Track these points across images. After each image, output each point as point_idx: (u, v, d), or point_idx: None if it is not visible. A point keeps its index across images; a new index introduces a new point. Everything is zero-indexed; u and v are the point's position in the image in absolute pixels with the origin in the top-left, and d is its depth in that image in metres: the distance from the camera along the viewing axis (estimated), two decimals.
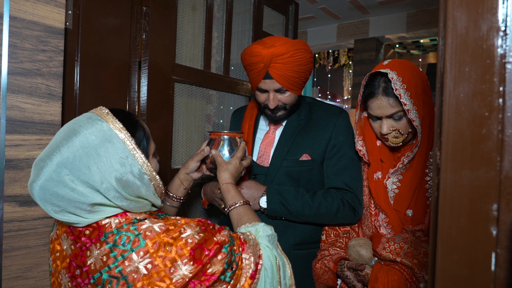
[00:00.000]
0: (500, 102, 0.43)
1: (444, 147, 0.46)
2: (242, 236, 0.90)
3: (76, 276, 0.78)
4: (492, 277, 0.43)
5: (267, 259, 0.88)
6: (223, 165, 1.17)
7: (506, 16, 0.42)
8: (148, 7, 1.46)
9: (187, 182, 1.24)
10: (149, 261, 0.74)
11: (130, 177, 0.77)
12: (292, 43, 1.23)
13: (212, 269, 0.78)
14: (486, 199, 0.43)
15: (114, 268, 0.74)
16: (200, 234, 0.80)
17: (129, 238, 0.76)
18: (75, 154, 0.73)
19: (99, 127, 0.77)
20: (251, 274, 0.83)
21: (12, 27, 0.99)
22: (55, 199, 0.73)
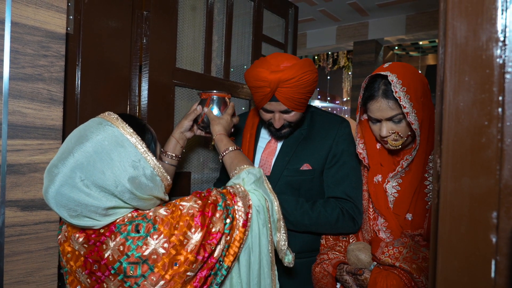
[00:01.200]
0: (499, 112, 0.43)
1: (444, 154, 0.47)
2: (232, 189, 0.96)
3: (94, 271, 0.80)
4: (492, 284, 0.43)
5: (257, 203, 0.97)
6: (215, 120, 1.27)
7: (505, 27, 0.43)
8: (148, 12, 1.47)
9: (182, 140, 1.31)
10: (164, 240, 0.79)
11: (143, 179, 0.81)
12: (298, 66, 1.22)
13: (215, 228, 0.85)
14: (486, 207, 0.44)
15: (132, 255, 0.78)
16: (198, 202, 0.87)
17: (142, 225, 0.80)
18: (89, 159, 0.75)
19: (110, 132, 0.79)
20: (242, 223, 0.91)
21: (13, 33, 0.99)
22: (71, 203, 0.75)
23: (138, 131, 0.85)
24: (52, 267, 1.09)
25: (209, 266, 0.85)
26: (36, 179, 1.05)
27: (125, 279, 0.78)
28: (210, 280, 0.87)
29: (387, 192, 1.22)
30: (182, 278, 0.80)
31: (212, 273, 0.87)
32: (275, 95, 1.23)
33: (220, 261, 0.88)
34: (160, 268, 0.78)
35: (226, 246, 0.89)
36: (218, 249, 0.86)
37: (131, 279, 0.78)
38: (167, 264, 0.79)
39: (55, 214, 1.09)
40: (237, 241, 0.90)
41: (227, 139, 1.22)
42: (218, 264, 0.87)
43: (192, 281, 0.83)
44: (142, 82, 1.48)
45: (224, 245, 0.87)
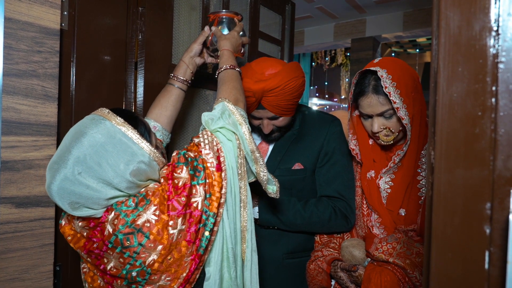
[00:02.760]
0: (493, 102, 0.43)
1: (438, 146, 0.47)
2: (196, 139, 0.96)
3: (93, 249, 0.84)
4: (486, 275, 0.43)
5: (226, 142, 0.96)
6: (223, 36, 1.25)
7: (498, 16, 0.43)
8: (144, 8, 1.46)
9: (192, 65, 1.29)
10: (155, 208, 0.83)
11: (141, 165, 0.83)
12: (282, 75, 1.21)
13: (181, 182, 0.87)
14: (479, 198, 0.44)
15: (127, 227, 0.82)
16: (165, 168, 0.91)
17: (135, 199, 0.84)
18: (85, 153, 0.78)
19: (103, 125, 0.82)
20: (216, 167, 0.92)
21: (7, 28, 0.98)
22: (73, 197, 0.79)
23: (130, 121, 0.86)
24: (48, 264, 1.09)
25: (196, 220, 0.87)
26: (30, 176, 1.04)
27: (124, 250, 0.82)
28: (201, 232, 0.88)
29: (380, 188, 1.22)
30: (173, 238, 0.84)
31: (201, 225, 0.88)
32: (261, 103, 1.24)
33: (205, 211, 0.89)
34: (155, 235, 0.82)
35: (208, 195, 0.89)
36: (199, 200, 0.88)
37: (129, 249, 0.82)
38: (161, 229, 0.82)
39: (50, 211, 1.09)
40: (216, 186, 0.90)
41: (230, 56, 1.17)
42: (205, 215, 0.89)
43: (185, 238, 0.86)
44: (138, 79, 1.47)
45: (204, 194, 0.88)
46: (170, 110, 1.25)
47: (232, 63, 1.14)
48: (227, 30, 1.27)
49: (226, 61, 1.15)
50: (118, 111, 0.88)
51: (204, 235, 0.89)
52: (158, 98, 1.27)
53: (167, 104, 1.25)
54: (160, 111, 1.24)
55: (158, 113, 1.24)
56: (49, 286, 1.09)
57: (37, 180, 1.05)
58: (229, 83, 1.08)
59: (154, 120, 1.23)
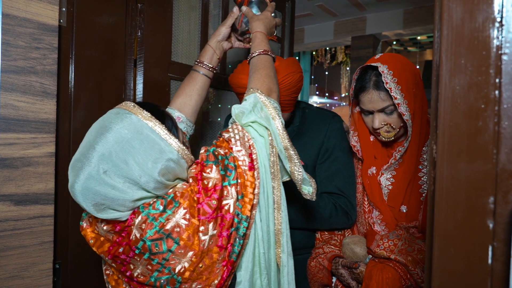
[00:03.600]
0: (496, 94, 0.42)
1: (440, 140, 0.46)
2: (226, 135, 0.88)
3: (118, 255, 0.78)
4: (489, 270, 0.43)
5: (258, 137, 0.88)
6: (254, 17, 1.14)
7: (502, 7, 0.42)
8: (143, 4, 1.45)
9: (219, 50, 1.20)
10: (185, 211, 0.77)
11: (169, 163, 0.77)
12: (279, 69, 1.20)
13: (211, 182, 0.80)
14: (482, 192, 0.43)
15: (155, 232, 0.75)
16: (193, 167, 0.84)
17: (163, 202, 0.78)
18: (110, 150, 0.73)
19: (128, 120, 0.76)
20: (249, 167, 0.84)
21: (4, 25, 0.98)
22: (98, 197, 0.73)
23: (157, 116, 0.80)
24: (47, 261, 1.08)
25: (228, 224, 0.79)
26: (29, 173, 1.03)
27: (152, 257, 0.76)
28: (233, 237, 0.81)
29: (381, 185, 1.21)
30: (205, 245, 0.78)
31: (233, 229, 0.81)
32: None
33: (237, 214, 0.81)
34: (185, 240, 0.76)
35: (240, 196, 0.82)
36: (231, 202, 0.80)
37: (158, 256, 0.76)
38: (191, 235, 0.76)
39: (49, 208, 1.08)
40: (248, 187, 0.83)
41: (263, 39, 1.07)
42: (237, 218, 0.81)
43: (216, 243, 0.79)
44: (137, 76, 1.46)
45: (236, 196, 0.81)
46: (195, 99, 1.16)
47: (265, 48, 1.04)
48: (258, 11, 1.17)
49: (259, 45, 1.05)
50: (143, 105, 0.81)
51: (237, 240, 0.82)
52: (183, 86, 1.18)
53: (191, 92, 1.15)
54: (185, 100, 1.14)
55: (182, 102, 1.14)
56: (49, 284, 1.09)
57: (36, 178, 1.05)
58: (262, 70, 0.99)
59: (178, 110, 1.14)
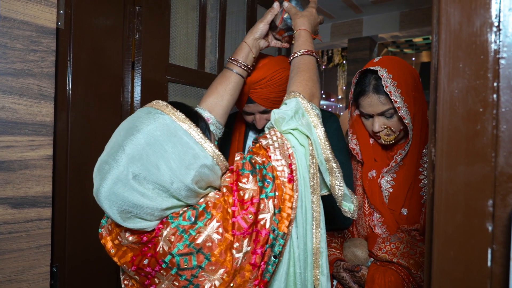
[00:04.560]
0: (494, 98, 0.43)
1: (439, 143, 0.46)
2: (264, 141, 0.81)
3: (142, 267, 0.72)
4: (489, 273, 0.43)
5: (298, 147, 0.80)
6: (298, 13, 1.05)
7: (499, 12, 0.42)
8: (141, 7, 1.45)
9: (255, 49, 1.12)
10: (218, 225, 0.70)
11: (203, 170, 0.70)
12: (269, 66, 1.21)
13: (247, 194, 0.73)
14: (481, 195, 0.43)
15: (185, 246, 0.69)
16: (229, 175, 0.77)
17: (194, 213, 0.71)
18: (141, 153, 0.67)
19: (161, 121, 0.70)
20: (288, 179, 0.77)
21: (2, 27, 0.97)
22: (126, 204, 0.67)
23: (191, 117, 0.74)
24: (44, 265, 1.08)
25: (263, 240, 0.72)
26: (26, 176, 1.03)
27: (180, 272, 0.69)
28: (267, 254, 0.74)
29: (382, 187, 1.21)
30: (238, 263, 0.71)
31: (268, 246, 0.74)
32: (250, 97, 1.23)
33: (273, 230, 0.74)
34: (217, 256, 0.69)
35: (277, 211, 0.75)
36: (267, 217, 0.73)
37: (186, 272, 0.69)
38: (224, 251, 0.69)
39: (47, 211, 1.08)
40: (287, 200, 0.76)
41: (307, 38, 0.99)
42: (273, 235, 0.74)
43: (249, 261, 0.72)
44: (135, 78, 1.46)
45: (273, 210, 0.74)
46: (227, 99, 1.08)
47: (309, 48, 0.97)
48: (300, 8, 1.09)
49: (303, 44, 0.97)
50: (176, 105, 0.75)
51: (271, 258, 0.75)
52: (214, 85, 1.10)
53: (223, 92, 1.08)
54: (216, 100, 1.07)
55: (213, 102, 1.07)
56: (46, 287, 1.08)
57: (33, 181, 1.04)
58: (305, 73, 0.92)
59: (208, 110, 1.06)
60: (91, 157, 1.33)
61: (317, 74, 0.96)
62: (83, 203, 1.31)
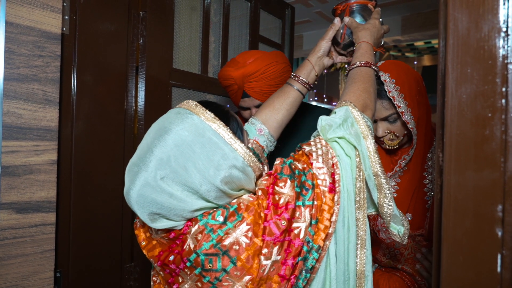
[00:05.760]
0: (503, 103, 0.43)
1: (447, 148, 0.46)
2: (307, 148, 0.78)
3: (167, 263, 0.71)
4: (498, 279, 0.43)
5: (344, 157, 0.76)
6: (359, 26, 1.03)
7: (507, 17, 0.42)
8: (145, 12, 1.46)
9: (318, 67, 1.11)
10: (248, 228, 0.67)
11: (233, 171, 0.68)
12: (262, 58, 1.23)
13: (283, 199, 0.70)
14: (490, 200, 0.43)
15: (211, 245, 0.67)
16: (266, 178, 0.75)
17: (224, 212, 0.69)
18: (169, 154, 0.66)
19: (190, 121, 0.68)
20: (329, 188, 0.73)
21: (8, 33, 0.98)
22: (154, 207, 0.66)
23: (221, 117, 0.72)
24: (48, 270, 1.07)
25: (295, 251, 0.68)
26: (31, 181, 1.03)
27: (203, 273, 0.67)
28: (299, 267, 0.70)
29: None
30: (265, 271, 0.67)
31: (300, 258, 0.69)
32: (245, 90, 1.24)
33: (308, 241, 0.70)
34: (244, 262, 0.66)
35: (314, 221, 0.71)
36: (302, 226, 0.69)
37: (210, 273, 0.67)
38: (251, 256, 0.66)
39: (51, 216, 1.08)
40: (326, 211, 0.71)
41: (368, 50, 0.96)
42: (306, 247, 0.70)
43: (278, 271, 0.68)
44: (139, 83, 1.47)
45: (309, 220, 0.70)
46: (282, 114, 1.08)
47: (368, 60, 0.94)
48: (362, 20, 1.06)
49: (362, 56, 0.95)
50: (206, 104, 0.74)
51: (303, 272, 0.70)
52: (272, 98, 1.10)
53: (280, 106, 1.08)
54: (271, 113, 1.07)
55: (268, 114, 1.07)
56: None
57: (38, 185, 1.05)
58: (360, 83, 0.90)
59: (262, 122, 1.06)
60: (95, 162, 1.33)
61: (374, 87, 0.92)
62: (87, 208, 1.31)
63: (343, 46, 1.10)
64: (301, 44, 6.84)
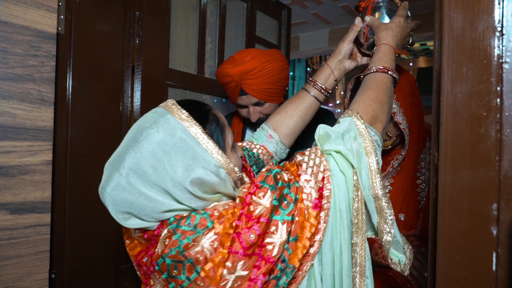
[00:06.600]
0: (497, 102, 0.43)
1: (443, 147, 0.46)
2: (300, 157, 0.73)
3: (141, 264, 0.69)
4: (494, 277, 0.43)
5: (338, 173, 0.70)
6: (382, 26, 0.92)
7: (502, 17, 0.43)
8: (141, 12, 1.46)
9: (338, 71, 1.03)
10: (215, 238, 0.63)
11: (204, 173, 0.65)
12: (260, 56, 1.23)
13: (258, 210, 0.64)
14: (486, 199, 0.43)
15: (177, 252, 0.63)
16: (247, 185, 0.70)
17: (195, 218, 0.65)
18: (142, 154, 0.64)
19: (164, 120, 0.67)
20: (314, 204, 0.66)
21: (2, 32, 0.97)
22: (125, 206, 0.65)
23: (198, 116, 0.69)
24: (43, 271, 1.06)
25: (265, 268, 0.63)
26: (26, 181, 1.02)
27: (169, 279, 0.65)
28: (271, 287, 0.65)
29: None
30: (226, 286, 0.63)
31: (272, 276, 0.65)
32: (243, 88, 1.25)
33: (283, 260, 0.65)
34: (207, 272, 0.62)
35: (292, 238, 0.65)
36: (277, 242, 0.63)
37: (175, 280, 0.64)
38: (216, 267, 0.62)
39: (46, 217, 1.07)
40: (307, 229, 0.66)
41: (387, 53, 0.87)
42: (281, 265, 0.65)
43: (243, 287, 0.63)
44: (135, 83, 1.46)
45: (286, 237, 0.64)
46: (295, 120, 1.02)
47: (386, 64, 0.84)
48: (387, 18, 0.95)
49: (380, 60, 0.86)
50: (186, 103, 0.71)
51: None
52: (285, 104, 1.05)
53: (293, 112, 1.02)
54: (282, 119, 1.02)
55: (280, 120, 1.02)
56: None
57: (33, 186, 1.04)
58: (373, 92, 0.81)
59: (273, 128, 1.02)
60: (90, 162, 1.32)
61: (390, 96, 0.83)
62: (83, 209, 1.30)
63: (367, 47, 1.01)
64: (298, 45, 6.86)
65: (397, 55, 0.90)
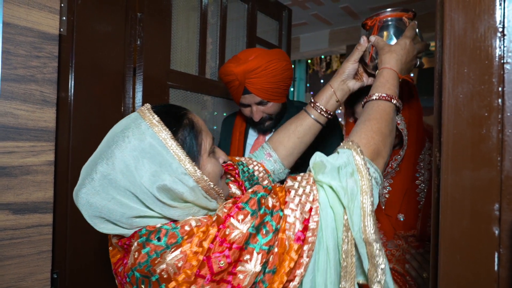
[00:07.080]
0: (499, 102, 0.43)
1: (444, 148, 0.47)
2: (291, 182, 0.69)
3: (117, 273, 0.68)
4: (496, 277, 0.43)
5: (327, 208, 0.65)
6: (385, 48, 0.86)
7: (504, 17, 0.43)
8: (142, 14, 1.46)
9: (341, 92, 0.97)
10: (181, 257, 0.60)
11: (171, 180, 0.63)
12: (263, 55, 1.24)
13: (233, 235, 0.60)
14: (487, 199, 0.44)
15: (145, 267, 0.61)
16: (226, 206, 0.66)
17: (165, 231, 0.63)
18: (114, 160, 0.64)
19: (136, 125, 0.66)
20: (297, 237, 0.61)
21: (5, 33, 0.98)
22: (96, 210, 0.64)
23: (170, 121, 0.67)
24: (45, 271, 1.07)
25: None
26: (28, 182, 1.03)
27: None
28: None
29: None
30: None
31: None
32: (246, 87, 1.25)
33: None
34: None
35: (268, 270, 0.61)
36: (249, 273, 0.59)
37: None
38: (179, 287, 0.59)
39: (48, 217, 1.07)
40: (286, 263, 0.61)
41: (390, 79, 0.81)
42: None
43: None
44: (136, 84, 1.46)
45: (260, 268, 0.60)
46: (293, 141, 0.99)
47: (388, 92, 0.79)
48: (394, 39, 0.89)
49: (382, 87, 0.80)
50: (162, 107, 0.70)
51: None
52: (286, 124, 1.03)
53: (291, 133, 1.00)
54: (282, 139, 1.00)
55: (278, 140, 1.01)
56: None
57: (35, 186, 1.04)
58: (375, 123, 0.76)
59: (273, 147, 1.00)
60: None
61: (392, 127, 0.77)
62: None
63: (372, 67, 0.95)
64: (298, 46, 6.86)
65: (400, 80, 0.84)
